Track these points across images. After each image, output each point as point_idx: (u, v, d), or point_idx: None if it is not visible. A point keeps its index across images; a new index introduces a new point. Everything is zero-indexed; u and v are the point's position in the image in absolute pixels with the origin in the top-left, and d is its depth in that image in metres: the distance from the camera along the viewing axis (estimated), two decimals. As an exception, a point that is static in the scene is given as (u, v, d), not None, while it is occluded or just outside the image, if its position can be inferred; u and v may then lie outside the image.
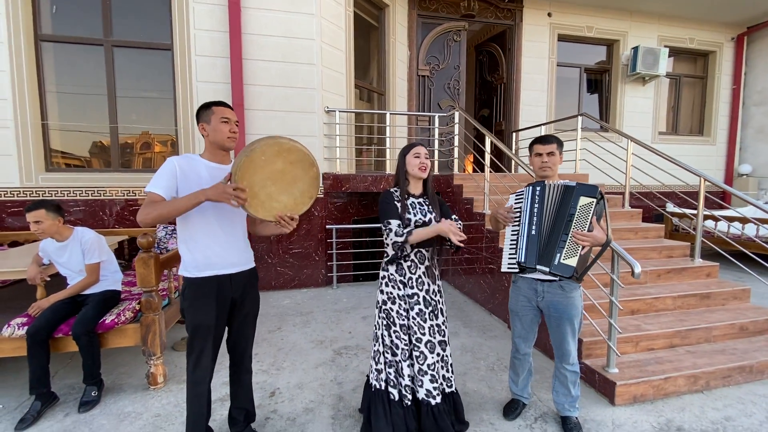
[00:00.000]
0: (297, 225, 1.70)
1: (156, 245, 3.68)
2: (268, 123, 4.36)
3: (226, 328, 1.82)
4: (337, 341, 3.18)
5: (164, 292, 2.75)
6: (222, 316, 1.71)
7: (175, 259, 2.73)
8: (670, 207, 6.20)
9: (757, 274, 3.15)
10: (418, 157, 1.88)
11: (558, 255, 1.77)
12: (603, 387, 2.38)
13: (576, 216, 1.77)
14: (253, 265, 1.84)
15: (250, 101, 4.29)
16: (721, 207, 6.58)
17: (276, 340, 3.22)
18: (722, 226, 5.29)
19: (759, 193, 7.28)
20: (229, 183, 1.52)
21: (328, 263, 4.73)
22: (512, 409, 2.19)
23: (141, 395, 2.39)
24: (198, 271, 1.65)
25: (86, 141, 4.34)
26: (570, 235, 1.76)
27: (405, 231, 1.79)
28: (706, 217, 5.41)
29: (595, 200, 1.75)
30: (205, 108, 1.69)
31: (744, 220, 4.98)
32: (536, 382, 2.53)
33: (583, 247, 1.74)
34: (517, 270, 1.96)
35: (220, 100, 1.72)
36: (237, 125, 1.72)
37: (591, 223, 1.75)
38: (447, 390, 1.90)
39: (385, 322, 1.90)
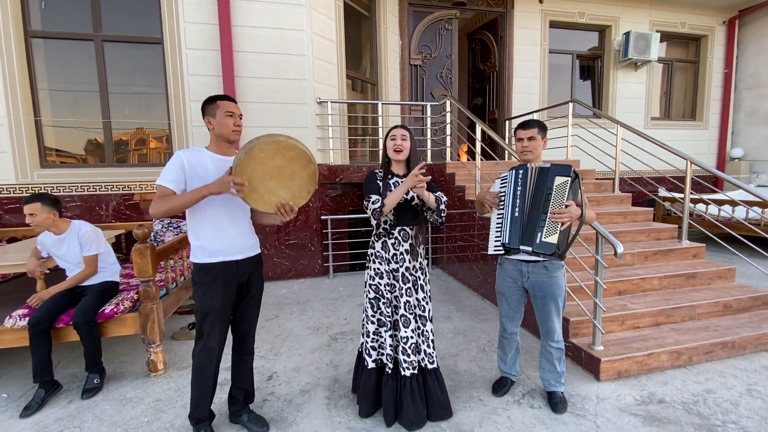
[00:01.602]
0: (294, 216, 1.77)
1: (153, 238, 3.73)
2: (261, 115, 4.39)
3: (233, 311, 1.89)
4: (333, 327, 3.26)
5: (162, 283, 2.81)
6: (229, 300, 1.78)
7: (170, 250, 2.79)
8: (662, 192, 6.27)
9: (746, 256, 3.22)
10: (393, 139, 1.96)
11: (539, 234, 1.83)
12: (589, 364, 2.47)
13: (553, 195, 1.83)
14: (258, 251, 1.92)
15: (242, 94, 4.31)
16: (713, 191, 6.66)
17: (273, 327, 3.29)
18: (713, 210, 5.37)
19: (751, 177, 7.35)
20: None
21: (324, 253, 4.80)
22: (501, 386, 2.27)
23: (142, 381, 2.47)
24: (207, 257, 1.73)
25: (81, 138, 4.36)
26: (548, 214, 1.83)
27: (380, 198, 1.89)
28: (694, 201, 5.49)
29: (569, 179, 1.82)
30: (211, 102, 1.75)
31: (732, 203, 5.05)
32: (524, 360, 2.61)
33: (563, 224, 1.80)
34: (502, 252, 2.03)
35: (224, 95, 1.79)
36: (241, 118, 1.79)
37: (566, 200, 1.82)
38: (429, 366, 1.98)
39: (372, 295, 1.99)
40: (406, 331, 1.94)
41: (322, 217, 4.72)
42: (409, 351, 1.94)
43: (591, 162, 5.09)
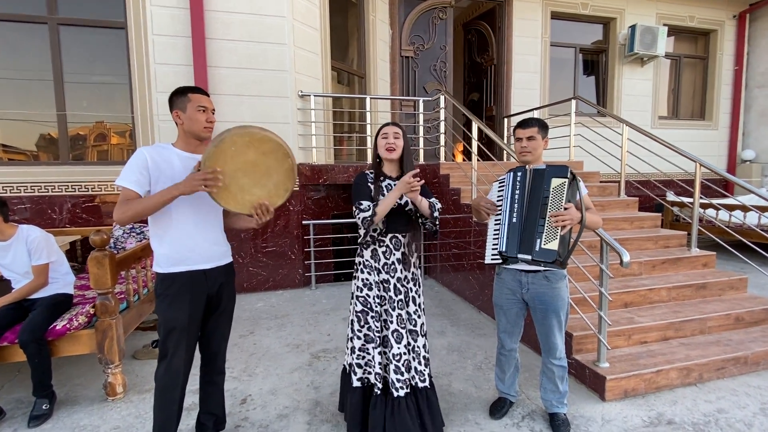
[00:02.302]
0: (271, 220, 1.76)
1: (112, 245, 3.66)
2: (236, 109, 4.36)
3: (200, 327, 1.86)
4: (314, 344, 3.24)
5: (122, 295, 2.75)
6: (196, 314, 1.75)
7: (132, 258, 2.74)
8: (670, 196, 6.41)
9: (757, 264, 3.31)
10: (385, 137, 1.97)
11: (538, 240, 1.85)
12: (593, 382, 2.49)
13: (550, 199, 1.86)
14: (230, 259, 1.89)
15: (215, 85, 4.28)
16: (724, 196, 6.85)
17: (248, 345, 3.25)
18: (723, 215, 5.51)
19: (763, 180, 7.57)
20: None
21: (306, 262, 4.77)
22: (499, 407, 2.28)
23: (98, 407, 2.40)
24: (171, 267, 1.70)
25: (32, 132, 4.26)
26: (546, 218, 1.85)
27: (371, 205, 1.88)
28: (703, 206, 5.63)
29: (567, 180, 1.85)
30: (180, 94, 1.73)
31: (744, 209, 5.20)
32: (524, 379, 2.63)
33: (563, 228, 1.82)
34: (500, 261, 2.04)
35: (196, 86, 1.77)
36: (214, 113, 1.78)
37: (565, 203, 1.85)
38: (420, 384, 1.97)
39: (360, 308, 1.98)
40: (398, 347, 1.94)
41: (304, 222, 4.69)
42: (402, 369, 1.93)
43: (595, 164, 5.18)
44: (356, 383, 1.99)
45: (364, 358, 2.00)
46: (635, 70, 7.17)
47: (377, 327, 1.96)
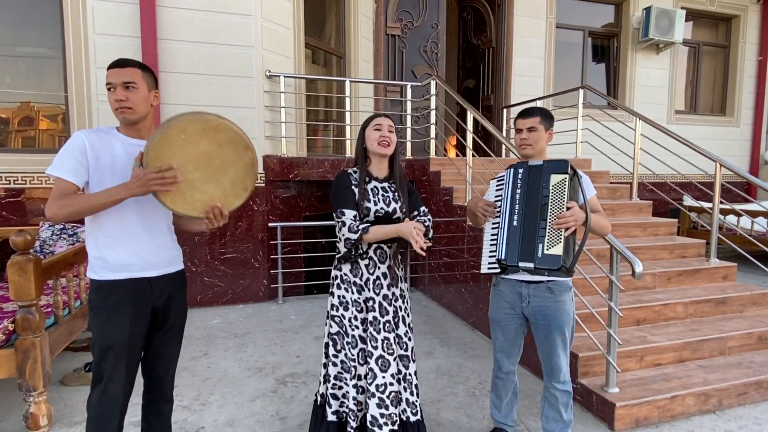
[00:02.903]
0: (229, 221, 1.72)
1: (38, 248, 3.56)
2: (191, 90, 4.30)
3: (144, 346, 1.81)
4: (280, 368, 3.21)
5: (49, 309, 2.67)
6: (138, 330, 1.71)
7: (62, 264, 2.66)
8: (688, 200, 6.61)
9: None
10: (379, 129, 1.94)
11: (540, 246, 1.87)
12: (601, 410, 2.53)
13: (550, 198, 1.88)
14: (181, 266, 1.86)
15: (166, 62, 4.21)
16: (746, 200, 7.09)
17: (201, 368, 3.20)
18: (745, 222, 5.70)
19: (788, 184, 7.88)
20: (140, 166, 1.52)
21: (272, 272, 4.72)
22: (494, 440, 2.29)
23: (16, 443, 2.32)
24: (109, 273, 1.66)
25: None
26: (548, 220, 1.88)
27: (360, 227, 1.84)
28: (724, 212, 5.81)
29: (567, 176, 1.88)
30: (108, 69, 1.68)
31: (767, 215, 5.39)
32: (523, 407, 2.65)
33: (567, 229, 1.85)
34: (498, 270, 2.05)
35: (116, 59, 1.68)
36: (129, 89, 1.63)
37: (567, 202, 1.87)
38: (412, 418, 1.97)
39: (335, 330, 1.96)
40: (383, 377, 1.90)
41: (270, 225, 4.65)
42: (388, 402, 1.89)
43: (605, 162, 5.29)
44: (331, 417, 1.96)
45: (341, 388, 1.97)
46: (650, 58, 7.37)
47: (353, 355, 1.93)
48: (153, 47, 4.12)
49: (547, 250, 1.86)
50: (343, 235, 1.86)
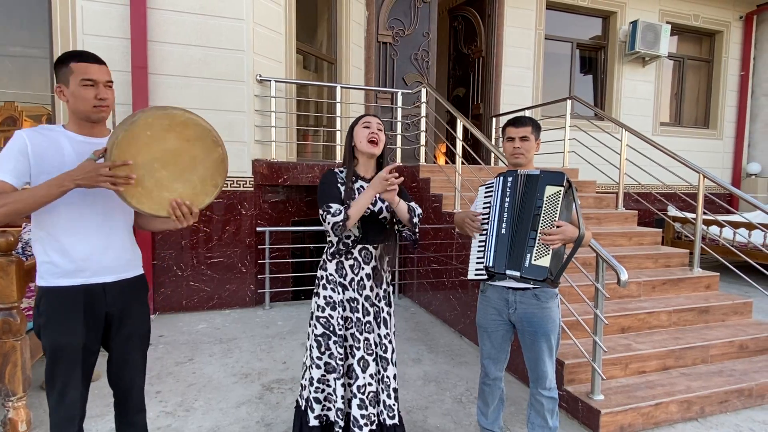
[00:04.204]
0: (196, 221, 1.67)
1: (20, 250, 3.49)
2: (180, 93, 4.27)
3: (107, 355, 1.76)
4: (266, 374, 3.18)
5: (30, 312, 2.62)
6: (94, 336, 1.65)
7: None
8: (672, 211, 6.73)
9: (763, 287, 3.51)
10: (368, 127, 1.96)
11: (528, 256, 1.90)
12: (586, 417, 2.55)
13: (543, 209, 1.91)
14: (140, 271, 1.78)
15: (156, 64, 4.19)
16: (728, 212, 7.24)
17: (186, 374, 3.16)
18: (727, 233, 5.82)
19: (768, 197, 8.06)
20: (100, 160, 1.46)
21: (259, 277, 4.69)
22: (480, 446, 2.29)
23: (-7, 449, 2.26)
24: (59, 279, 1.58)
25: None
26: (538, 231, 1.90)
27: (342, 208, 1.84)
28: (707, 222, 5.93)
29: (562, 189, 1.90)
30: (62, 63, 1.56)
31: (750, 227, 5.51)
32: (510, 413, 2.67)
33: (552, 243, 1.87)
34: (485, 277, 2.07)
35: (83, 51, 1.61)
36: (111, 86, 1.62)
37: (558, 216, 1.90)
38: (389, 422, 1.97)
39: (320, 332, 1.96)
40: (363, 377, 1.92)
41: (258, 229, 4.63)
42: (367, 403, 1.92)
43: (592, 172, 5.37)
44: (314, 422, 1.95)
45: (323, 391, 1.97)
46: (636, 71, 7.52)
47: (340, 354, 1.94)
48: (143, 49, 4.10)
49: (535, 260, 1.88)
50: (329, 222, 1.84)
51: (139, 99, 4.06)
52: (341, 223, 1.83)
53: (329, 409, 1.97)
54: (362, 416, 1.90)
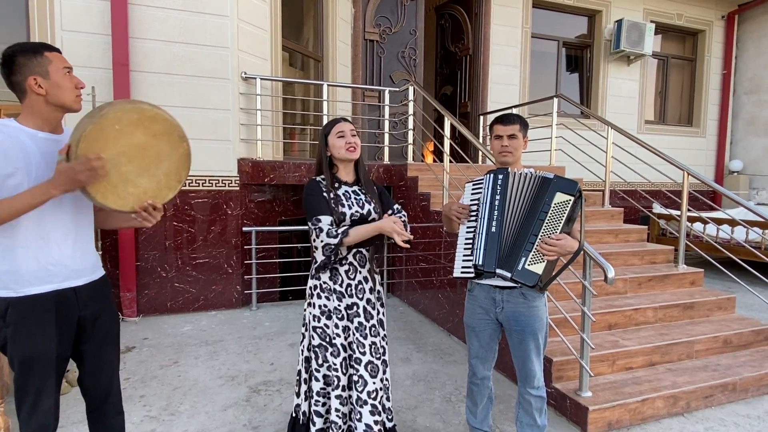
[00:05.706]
0: (162, 217, 1.63)
1: None
2: (163, 90, 4.21)
3: (76, 361, 1.72)
4: (254, 376, 3.15)
5: None
6: (67, 342, 1.61)
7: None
8: (657, 208, 6.82)
9: (746, 282, 3.57)
10: (342, 136, 1.94)
11: (523, 259, 1.88)
12: (575, 414, 2.57)
13: (549, 215, 1.89)
14: (102, 272, 1.76)
15: (138, 61, 4.12)
16: (712, 208, 7.37)
17: (171, 377, 3.12)
18: (711, 229, 5.91)
19: (750, 193, 8.22)
20: (65, 158, 1.42)
21: (246, 277, 4.65)
22: (470, 445, 2.29)
23: (-30, 458, 2.21)
24: (27, 288, 1.52)
25: None
26: (539, 237, 1.88)
27: (340, 231, 1.83)
28: (691, 219, 6.02)
29: (572, 198, 1.87)
30: (32, 53, 1.49)
31: (732, 223, 5.61)
32: (499, 412, 2.67)
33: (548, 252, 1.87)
34: (473, 275, 2.06)
35: (38, 42, 1.59)
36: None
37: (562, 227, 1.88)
38: (388, 424, 1.96)
39: (317, 342, 1.92)
40: (374, 382, 1.89)
41: (244, 229, 4.58)
42: (380, 408, 1.89)
43: (578, 170, 5.42)
44: None
45: (324, 404, 1.94)
46: (621, 69, 7.61)
47: (335, 365, 1.91)
48: (124, 46, 4.02)
49: (528, 265, 1.86)
50: (322, 241, 1.83)
51: (120, 97, 3.98)
52: (334, 247, 1.82)
53: (332, 422, 1.92)
54: (376, 422, 1.87)
